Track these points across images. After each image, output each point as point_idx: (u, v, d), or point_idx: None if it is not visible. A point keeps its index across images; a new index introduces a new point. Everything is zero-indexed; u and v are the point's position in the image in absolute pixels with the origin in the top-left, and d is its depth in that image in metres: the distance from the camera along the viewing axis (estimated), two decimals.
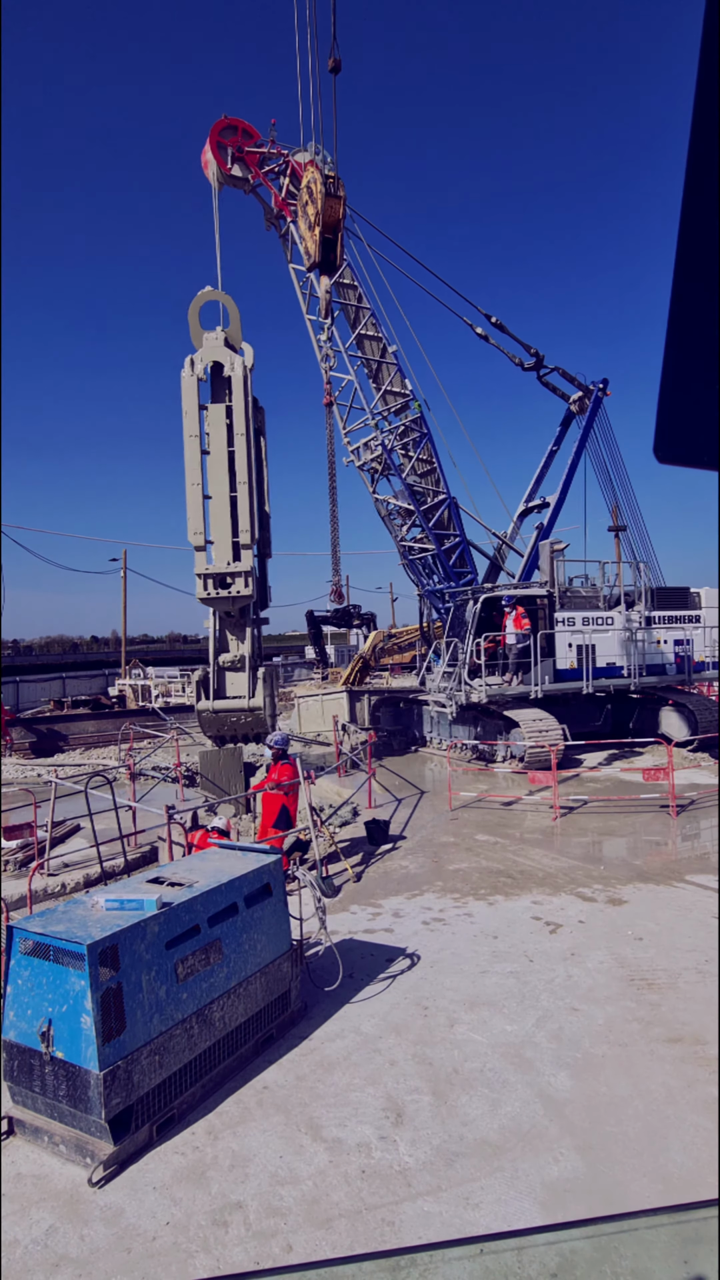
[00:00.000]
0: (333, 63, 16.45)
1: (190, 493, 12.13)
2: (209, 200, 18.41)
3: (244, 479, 12.39)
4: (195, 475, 12.16)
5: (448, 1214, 3.78)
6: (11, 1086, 4.51)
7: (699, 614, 18.77)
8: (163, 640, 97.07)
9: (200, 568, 12.20)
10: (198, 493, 12.16)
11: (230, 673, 12.59)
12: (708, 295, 0.89)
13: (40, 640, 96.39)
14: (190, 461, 12.16)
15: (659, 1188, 3.92)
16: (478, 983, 6.25)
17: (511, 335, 19.70)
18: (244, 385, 12.45)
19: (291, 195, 18.13)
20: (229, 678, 12.59)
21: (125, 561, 41.66)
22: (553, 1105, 4.62)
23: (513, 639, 16.44)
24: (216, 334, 12.54)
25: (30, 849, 10.54)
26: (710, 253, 0.88)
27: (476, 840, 10.48)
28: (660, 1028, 5.44)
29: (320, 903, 6.79)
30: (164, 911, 4.68)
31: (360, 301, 18.41)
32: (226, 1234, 3.72)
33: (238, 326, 12.74)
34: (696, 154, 0.86)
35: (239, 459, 12.35)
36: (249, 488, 12.38)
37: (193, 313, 12.36)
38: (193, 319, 12.38)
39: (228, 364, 12.47)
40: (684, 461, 0.98)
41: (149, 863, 10.17)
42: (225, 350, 12.48)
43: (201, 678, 12.43)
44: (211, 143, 18.11)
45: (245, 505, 12.43)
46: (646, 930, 7.21)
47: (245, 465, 12.39)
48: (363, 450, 18.69)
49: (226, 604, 12.48)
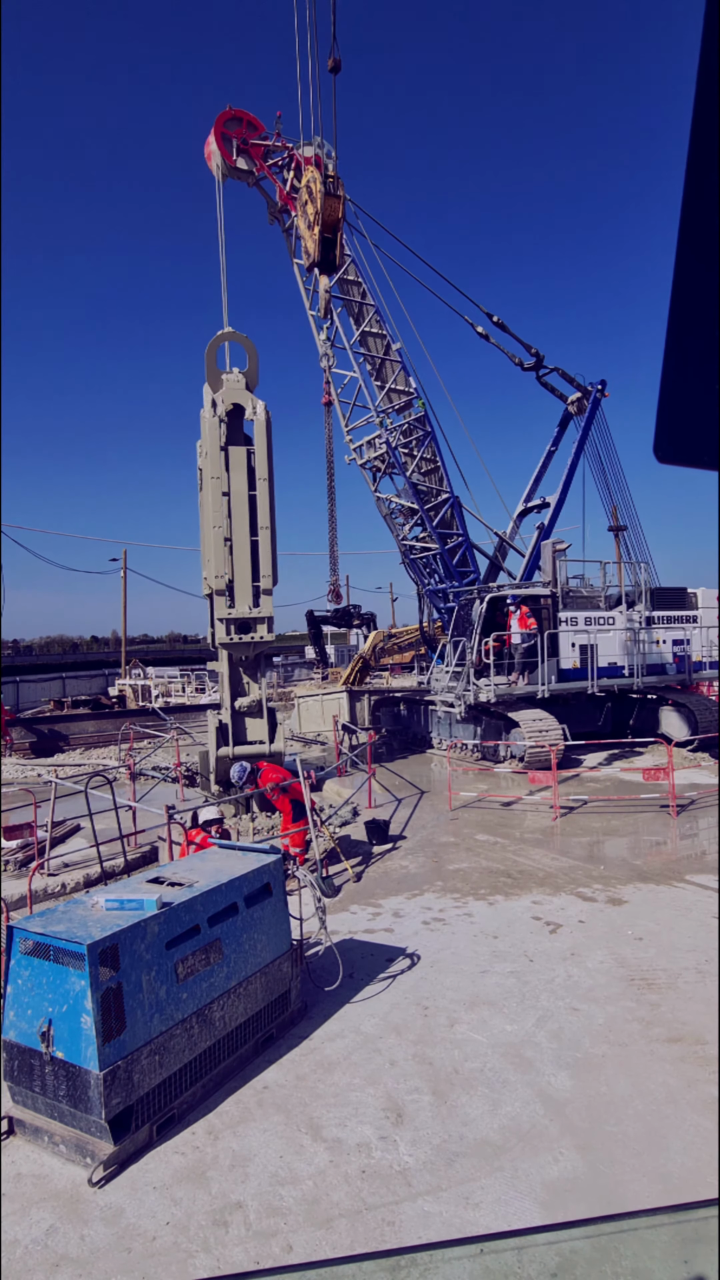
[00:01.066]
0: (333, 62, 16.41)
1: (213, 536, 12.07)
2: (213, 192, 18.40)
3: (266, 523, 12.43)
4: (219, 518, 12.11)
5: (448, 1214, 3.78)
6: (11, 1086, 4.51)
7: (697, 614, 18.79)
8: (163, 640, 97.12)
9: (222, 612, 12.12)
10: (220, 535, 12.11)
11: (248, 718, 12.52)
12: (708, 295, 0.89)
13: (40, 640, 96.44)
14: (214, 504, 12.10)
15: (659, 1187, 3.92)
16: (478, 982, 6.25)
17: (512, 334, 19.70)
18: (266, 429, 12.50)
19: (295, 189, 18.09)
20: (247, 723, 12.51)
21: (125, 561, 41.72)
22: (553, 1105, 4.62)
23: (518, 639, 16.44)
24: (236, 376, 12.55)
25: (30, 849, 10.54)
26: (710, 253, 0.87)
27: (477, 840, 10.48)
28: (660, 1027, 5.44)
29: (320, 902, 6.79)
30: (164, 911, 4.68)
31: (364, 298, 18.39)
32: (227, 1234, 3.72)
33: (255, 368, 12.79)
34: (697, 154, 0.86)
35: (261, 502, 12.37)
36: (271, 532, 12.45)
37: (210, 353, 12.33)
38: (210, 359, 12.34)
39: (249, 407, 12.54)
40: (684, 461, 0.98)
41: (149, 863, 10.17)
42: (247, 394, 12.54)
43: (220, 725, 12.29)
44: (216, 134, 18.05)
45: (267, 550, 12.47)
46: (646, 930, 7.21)
47: (268, 509, 12.44)
48: (365, 448, 18.66)
49: (247, 649, 12.48)
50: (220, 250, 18.86)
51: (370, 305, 18.32)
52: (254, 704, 12.51)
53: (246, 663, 12.72)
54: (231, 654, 12.45)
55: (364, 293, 18.40)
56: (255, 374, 12.78)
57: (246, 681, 12.80)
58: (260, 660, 12.93)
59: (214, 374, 12.40)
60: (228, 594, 12.16)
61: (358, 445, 18.74)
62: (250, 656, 12.66)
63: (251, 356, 12.75)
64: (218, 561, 12.05)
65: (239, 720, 12.37)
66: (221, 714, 12.35)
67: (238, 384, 12.52)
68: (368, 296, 18.36)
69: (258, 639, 12.41)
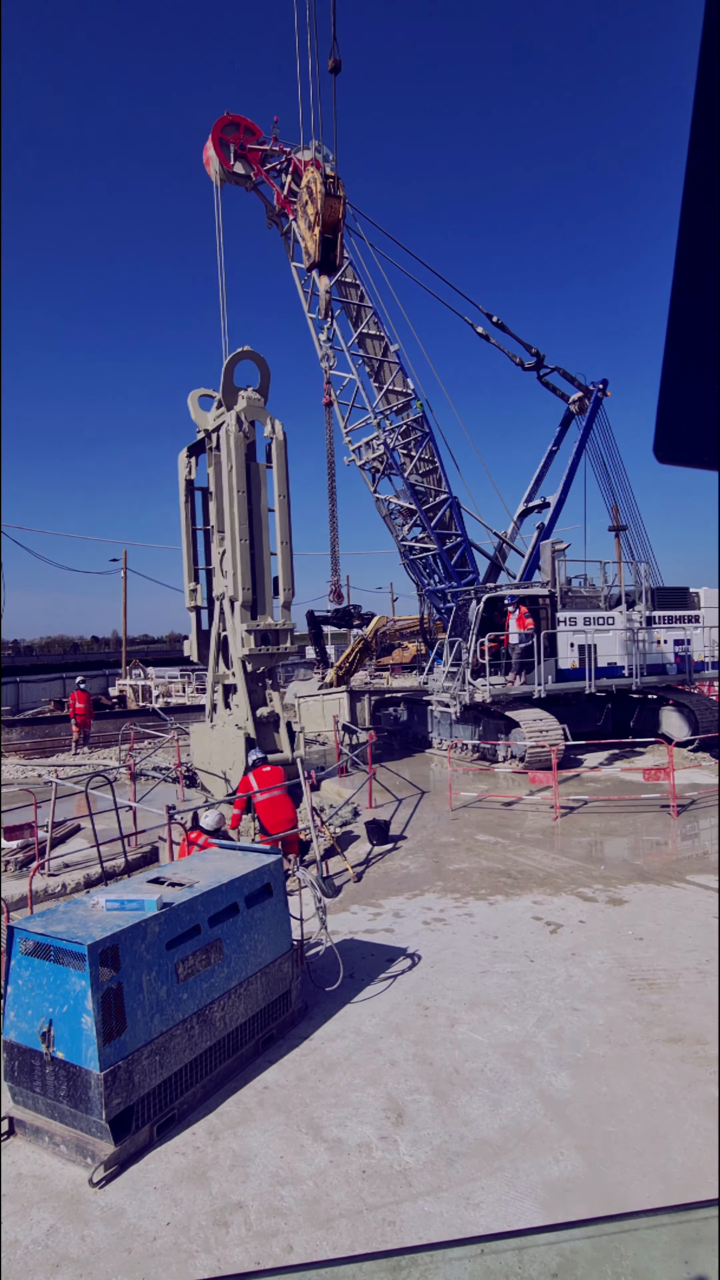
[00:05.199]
0: (333, 63, 16.44)
1: (239, 549, 12.33)
2: (211, 196, 18.44)
3: (285, 538, 12.88)
4: (244, 532, 12.40)
5: (448, 1214, 3.78)
6: (12, 1087, 4.51)
7: (698, 614, 18.78)
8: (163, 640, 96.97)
9: (248, 624, 12.32)
10: (246, 549, 12.41)
11: (265, 726, 12.62)
12: (708, 295, 0.89)
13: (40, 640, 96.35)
14: (239, 519, 12.32)
15: (659, 1188, 3.91)
16: (478, 982, 6.25)
17: (512, 335, 19.70)
18: (284, 448, 12.87)
19: (293, 193, 18.11)
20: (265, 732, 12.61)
21: (125, 561, 41.71)
22: (553, 1105, 4.62)
23: (516, 639, 16.43)
24: (253, 394, 12.76)
25: (30, 849, 10.54)
26: (710, 252, 0.87)
27: (477, 840, 10.48)
28: (661, 1028, 5.44)
29: (320, 903, 6.80)
30: (164, 912, 4.68)
31: (362, 300, 18.39)
32: (227, 1234, 3.72)
33: (267, 386, 12.99)
34: (696, 153, 0.86)
35: (279, 518, 12.82)
36: (290, 547, 12.90)
37: (227, 371, 12.49)
38: (227, 377, 12.50)
39: (268, 426, 12.85)
40: (684, 461, 0.98)
41: (149, 863, 10.17)
42: (266, 413, 12.83)
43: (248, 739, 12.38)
44: (214, 139, 18.10)
45: (287, 564, 12.86)
46: (647, 930, 7.20)
47: (285, 525, 12.85)
48: (364, 449, 18.67)
49: (270, 660, 12.76)
50: (219, 254, 18.90)
51: (368, 307, 18.33)
52: (271, 715, 12.65)
53: (265, 673, 12.89)
54: (254, 665, 12.59)
55: (362, 295, 18.41)
56: (267, 391, 12.96)
57: (268, 692, 12.92)
58: (277, 670, 13.11)
59: (230, 391, 12.60)
60: (251, 607, 12.46)
61: (356, 446, 18.75)
62: (269, 667, 12.87)
63: (264, 375, 12.91)
64: (243, 575, 12.32)
65: (262, 730, 12.46)
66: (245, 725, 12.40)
67: (258, 402, 12.75)
68: (366, 298, 18.37)
69: (282, 649, 12.73)
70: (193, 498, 13.89)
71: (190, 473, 13.83)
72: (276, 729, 12.61)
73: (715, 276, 0.88)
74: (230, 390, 12.50)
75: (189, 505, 13.81)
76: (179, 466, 13.82)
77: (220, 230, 18.42)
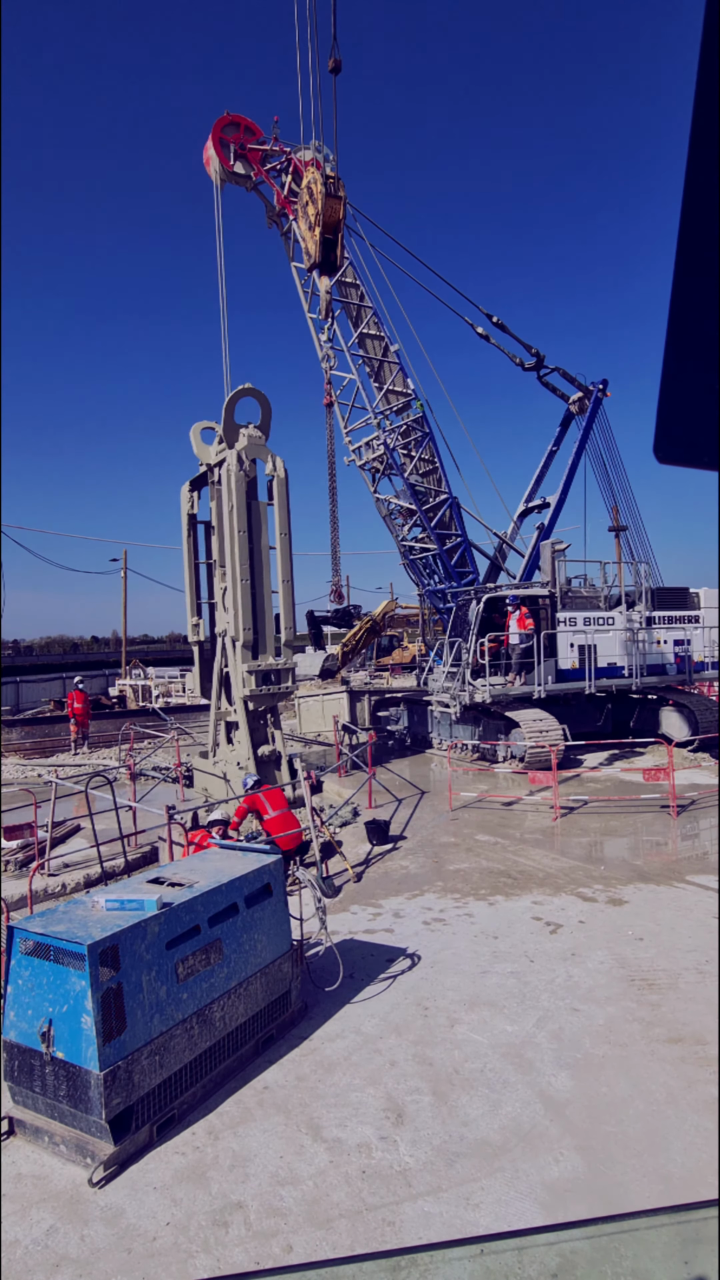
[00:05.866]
0: (333, 63, 16.44)
1: (240, 589, 12.22)
2: (211, 196, 18.43)
3: (286, 576, 12.78)
4: (245, 572, 12.29)
5: (448, 1214, 3.78)
6: (12, 1086, 4.51)
7: (698, 614, 18.78)
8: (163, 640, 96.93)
9: (248, 664, 12.25)
10: (247, 589, 12.29)
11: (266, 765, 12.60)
12: (708, 294, 0.89)
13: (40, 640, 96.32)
14: (240, 559, 12.23)
15: (659, 1188, 3.91)
16: (478, 983, 6.25)
17: (512, 334, 19.69)
18: (286, 486, 12.79)
19: (293, 193, 18.11)
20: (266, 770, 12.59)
21: (125, 561, 41.70)
22: (553, 1105, 4.61)
23: (516, 639, 16.43)
24: (254, 432, 12.68)
25: (30, 849, 10.54)
26: (710, 251, 0.87)
27: (477, 840, 10.48)
28: (661, 1028, 5.44)
29: (320, 903, 6.80)
30: (164, 912, 4.68)
31: (363, 300, 18.39)
32: (227, 1234, 3.72)
33: (268, 423, 12.93)
34: (696, 153, 0.86)
35: (280, 556, 12.74)
36: (291, 585, 12.83)
37: (228, 409, 12.42)
38: (228, 415, 12.44)
39: (270, 464, 12.77)
40: (684, 461, 0.98)
41: (149, 863, 10.18)
42: (267, 450, 12.76)
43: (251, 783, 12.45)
44: (214, 139, 18.10)
45: (287, 602, 12.77)
46: (647, 930, 7.20)
47: (287, 563, 12.77)
48: (364, 450, 18.66)
49: (271, 700, 12.71)
50: (219, 254, 18.89)
51: (368, 307, 18.33)
52: (271, 753, 12.66)
53: (267, 710, 12.88)
54: (255, 705, 12.57)
55: (362, 295, 18.40)
56: (268, 428, 12.91)
57: (269, 729, 12.93)
58: (277, 709, 13.07)
59: (231, 428, 12.52)
60: (253, 647, 12.38)
61: (356, 447, 18.74)
62: (270, 705, 12.87)
63: (265, 411, 12.87)
64: (244, 615, 12.24)
65: (264, 768, 12.45)
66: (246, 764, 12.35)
67: (259, 440, 12.68)
68: (366, 299, 18.36)
69: (283, 689, 12.70)
70: (195, 532, 13.81)
71: (193, 507, 13.77)
72: (278, 767, 12.67)
73: (715, 276, 0.88)
74: (231, 428, 12.44)
75: (191, 539, 13.74)
76: (181, 501, 13.78)
77: (220, 230, 18.41)
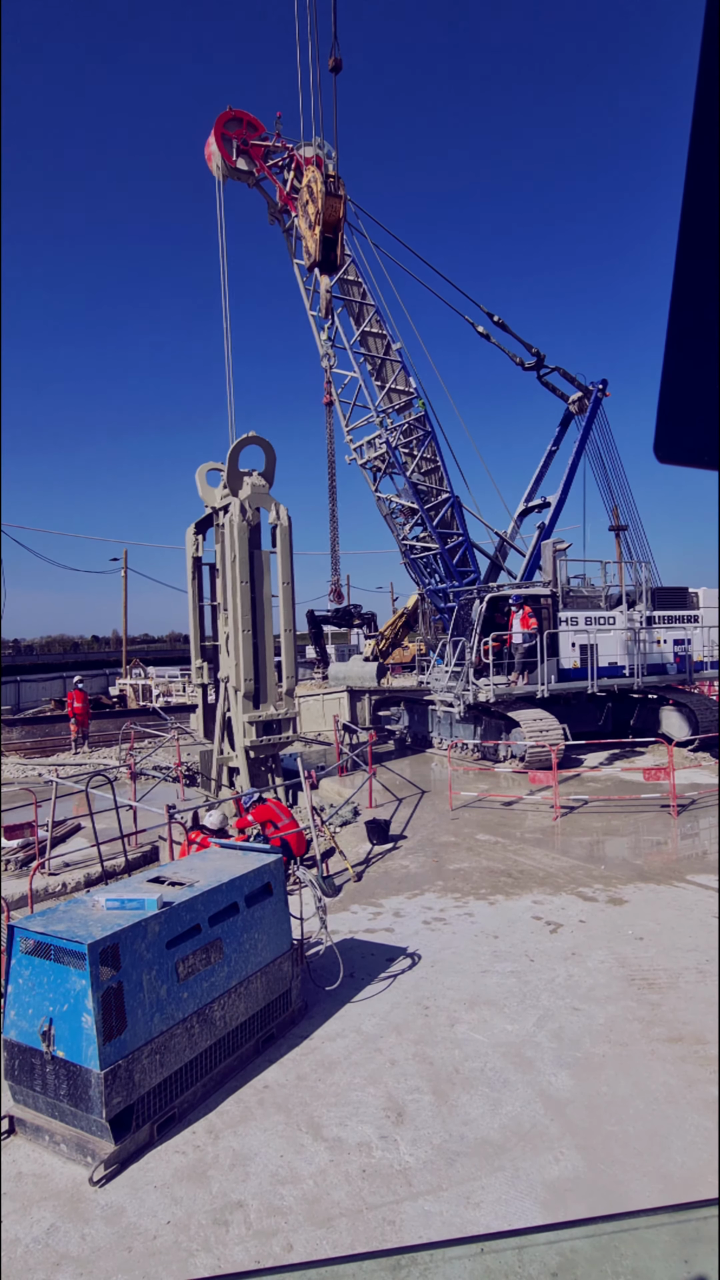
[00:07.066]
0: (333, 62, 16.43)
1: (242, 639, 12.17)
2: (213, 191, 18.41)
3: (288, 625, 12.75)
4: (247, 622, 12.23)
5: (448, 1213, 3.78)
6: (12, 1085, 4.52)
7: (698, 614, 18.78)
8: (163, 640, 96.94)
9: (249, 714, 12.19)
10: (249, 639, 12.24)
11: None
12: (708, 294, 0.89)
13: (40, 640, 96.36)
14: (242, 610, 12.17)
15: (659, 1187, 3.92)
16: (478, 982, 6.25)
17: (513, 334, 19.68)
18: (289, 534, 12.80)
19: (296, 190, 18.09)
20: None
21: (126, 561, 41.72)
22: (553, 1105, 4.62)
23: (519, 638, 16.43)
24: (258, 480, 12.66)
25: (31, 848, 10.55)
26: (711, 252, 0.87)
27: (477, 840, 10.48)
28: (661, 1027, 5.44)
29: (321, 902, 6.80)
30: (165, 911, 4.68)
31: (364, 298, 18.37)
32: (227, 1233, 3.72)
33: (272, 469, 12.93)
34: (697, 152, 0.86)
35: (283, 605, 12.76)
36: (293, 634, 12.81)
37: (232, 457, 12.41)
38: (232, 463, 12.43)
39: (273, 512, 12.77)
40: (684, 461, 0.98)
41: (149, 862, 10.19)
42: (271, 499, 12.77)
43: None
44: (216, 135, 18.07)
45: (289, 651, 12.70)
46: (647, 930, 7.20)
47: (289, 612, 12.77)
48: (365, 448, 18.65)
49: (271, 749, 12.69)
50: (220, 250, 18.87)
51: (370, 305, 18.31)
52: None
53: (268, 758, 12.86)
54: (256, 754, 12.54)
55: (364, 293, 18.39)
56: (272, 474, 12.90)
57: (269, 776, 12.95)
58: (278, 756, 13.08)
59: (235, 476, 12.49)
60: (254, 697, 12.32)
61: (358, 445, 18.72)
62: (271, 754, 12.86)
63: (269, 459, 12.86)
64: (246, 665, 12.17)
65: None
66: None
67: (262, 489, 12.65)
68: (368, 296, 18.35)
69: (283, 738, 12.66)
70: (199, 574, 13.79)
71: (197, 550, 13.75)
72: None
73: (715, 276, 0.88)
74: (235, 476, 12.41)
75: (195, 582, 13.71)
76: (186, 543, 13.77)
77: (222, 227, 18.40)
